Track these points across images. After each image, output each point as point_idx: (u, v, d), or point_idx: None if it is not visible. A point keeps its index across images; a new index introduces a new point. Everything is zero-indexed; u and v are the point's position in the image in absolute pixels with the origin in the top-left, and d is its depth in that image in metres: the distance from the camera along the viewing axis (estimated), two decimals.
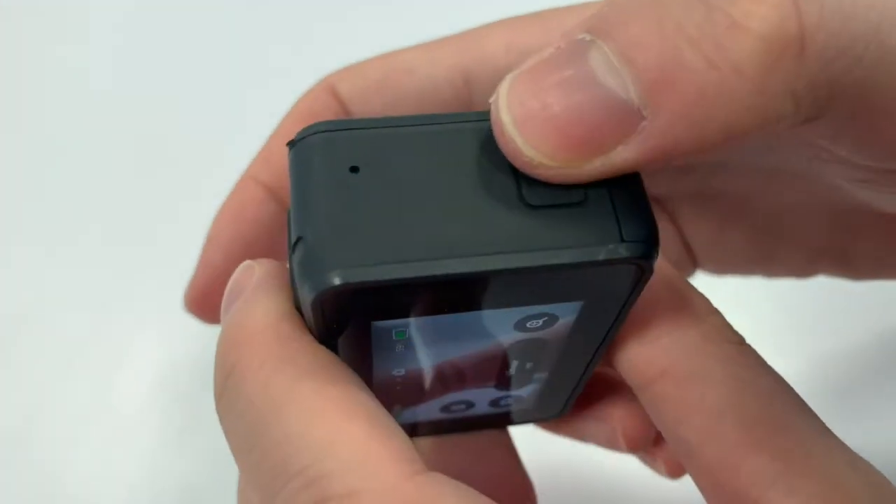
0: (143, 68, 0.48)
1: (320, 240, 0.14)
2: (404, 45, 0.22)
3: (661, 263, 0.19)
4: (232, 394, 0.16)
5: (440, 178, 0.15)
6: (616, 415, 0.24)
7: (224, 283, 0.18)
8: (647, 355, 0.18)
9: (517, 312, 0.17)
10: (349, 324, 0.16)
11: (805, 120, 0.15)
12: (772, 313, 0.34)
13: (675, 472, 0.25)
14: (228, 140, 0.39)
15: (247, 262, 0.18)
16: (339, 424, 0.14)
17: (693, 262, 0.27)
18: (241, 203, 0.21)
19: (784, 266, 0.27)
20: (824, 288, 0.28)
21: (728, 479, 0.16)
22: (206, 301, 0.23)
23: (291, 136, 0.16)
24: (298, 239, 0.14)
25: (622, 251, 0.15)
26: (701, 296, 0.19)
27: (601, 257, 0.15)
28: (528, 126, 0.15)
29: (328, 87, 0.22)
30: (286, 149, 0.16)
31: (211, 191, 0.37)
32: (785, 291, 0.29)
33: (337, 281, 0.14)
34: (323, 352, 0.16)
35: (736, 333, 0.18)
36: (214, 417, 0.17)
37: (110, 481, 0.35)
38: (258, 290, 0.17)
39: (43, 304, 0.40)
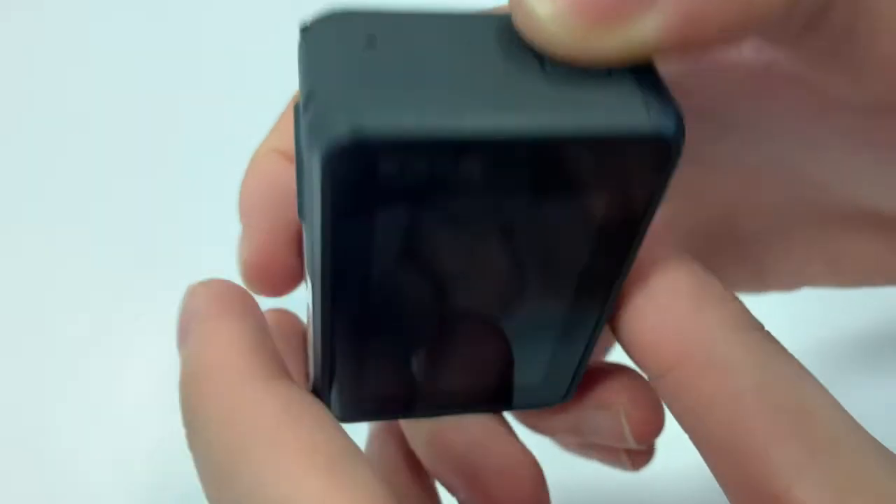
0: (141, 68, 0.48)
1: (335, 98, 0.13)
2: None
3: (678, 249, 0.19)
4: (194, 433, 0.16)
5: (463, 55, 0.15)
6: (621, 401, 0.22)
7: (272, 246, 0.19)
8: (665, 341, 0.17)
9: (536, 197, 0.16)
10: (356, 206, 0.14)
11: (804, 27, 0.15)
12: (772, 304, 0.34)
13: (638, 463, 0.24)
14: (228, 140, 0.39)
15: (192, 286, 0.18)
16: (295, 481, 0.15)
17: None
18: (263, 170, 0.20)
19: (771, 282, 0.26)
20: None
21: (752, 471, 0.16)
22: (264, 272, 0.21)
23: None
24: (309, 99, 0.14)
25: (653, 124, 0.14)
26: (719, 283, 0.18)
27: (632, 130, 0.14)
28: None
29: None
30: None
31: (212, 189, 0.36)
32: None
33: (355, 133, 0.13)
34: (284, 387, 0.16)
35: (756, 320, 0.18)
36: None
37: (115, 479, 0.35)
38: (214, 319, 0.17)
39: (46, 304, 0.40)
